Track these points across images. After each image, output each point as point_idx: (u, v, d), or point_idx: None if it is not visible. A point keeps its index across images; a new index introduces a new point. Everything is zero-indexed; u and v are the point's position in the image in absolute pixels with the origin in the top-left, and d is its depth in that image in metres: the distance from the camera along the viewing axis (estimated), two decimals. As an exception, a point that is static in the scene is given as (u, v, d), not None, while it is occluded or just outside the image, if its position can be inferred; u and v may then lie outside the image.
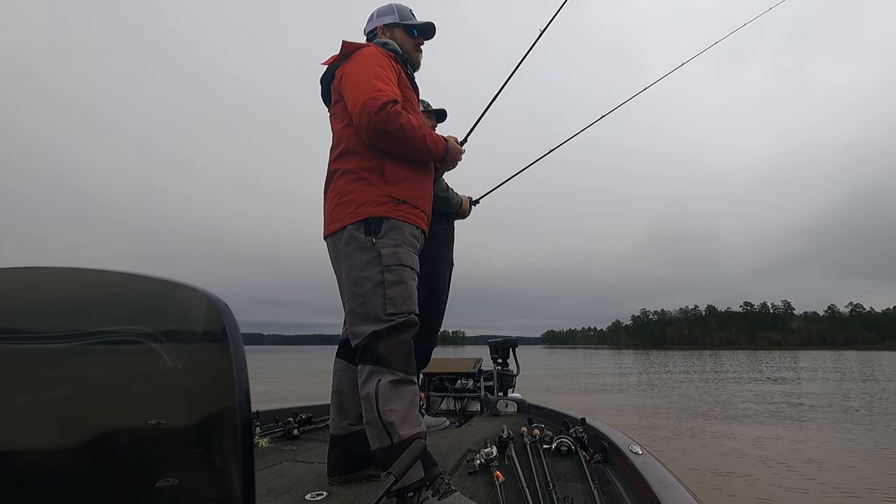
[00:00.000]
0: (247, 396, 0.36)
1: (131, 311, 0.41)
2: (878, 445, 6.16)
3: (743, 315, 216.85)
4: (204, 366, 0.38)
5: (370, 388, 1.40)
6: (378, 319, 1.44)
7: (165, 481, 0.36)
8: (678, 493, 1.23)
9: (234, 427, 0.35)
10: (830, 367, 23.27)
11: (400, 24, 1.79)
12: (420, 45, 1.84)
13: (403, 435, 1.36)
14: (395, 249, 1.48)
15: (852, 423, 7.73)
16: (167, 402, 0.38)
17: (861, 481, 4.65)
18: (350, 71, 1.56)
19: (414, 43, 1.81)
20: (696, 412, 8.98)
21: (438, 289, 2.30)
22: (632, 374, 19.41)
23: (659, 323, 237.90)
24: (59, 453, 0.37)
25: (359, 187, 1.52)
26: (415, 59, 1.83)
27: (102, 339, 0.39)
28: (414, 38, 1.81)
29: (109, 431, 0.37)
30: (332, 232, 1.56)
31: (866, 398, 11.16)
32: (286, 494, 1.52)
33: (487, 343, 3.54)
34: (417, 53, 1.83)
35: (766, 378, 17.20)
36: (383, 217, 1.49)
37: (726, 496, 4.23)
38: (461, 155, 1.83)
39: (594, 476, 1.55)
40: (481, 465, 1.71)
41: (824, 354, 54.89)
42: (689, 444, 6.23)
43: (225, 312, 0.38)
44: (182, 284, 0.40)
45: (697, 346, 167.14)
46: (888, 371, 21.07)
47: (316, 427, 2.63)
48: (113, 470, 0.36)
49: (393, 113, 1.43)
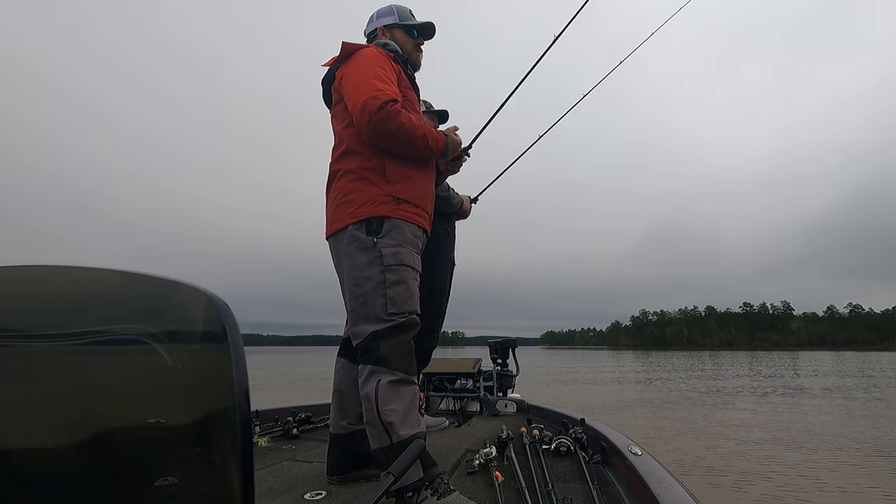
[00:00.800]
0: (246, 395, 0.36)
1: (131, 311, 0.41)
2: (878, 445, 6.16)
3: (742, 315, 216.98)
4: (203, 365, 0.38)
5: (370, 387, 1.41)
6: (379, 319, 1.44)
7: (165, 480, 0.36)
8: (677, 493, 1.23)
9: (233, 426, 0.35)
10: (830, 371, 23.24)
11: (400, 25, 1.79)
12: (420, 45, 1.84)
13: (403, 435, 1.36)
14: (396, 249, 1.48)
15: (852, 423, 7.73)
16: (167, 400, 0.38)
17: (861, 481, 4.65)
18: (350, 72, 1.56)
19: (414, 43, 1.82)
20: (696, 412, 8.99)
21: (439, 289, 2.30)
22: (631, 377, 19.39)
23: (658, 323, 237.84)
24: (58, 452, 0.37)
25: (360, 187, 1.52)
26: (415, 60, 1.84)
27: (102, 338, 0.39)
28: (414, 38, 1.81)
29: (109, 430, 0.37)
30: (334, 232, 1.56)
31: (866, 398, 11.17)
32: (285, 494, 1.53)
33: (487, 343, 3.54)
34: (417, 53, 1.84)
35: (766, 377, 17.20)
36: (384, 217, 1.49)
37: (728, 496, 4.23)
38: (463, 152, 1.83)
39: (593, 476, 1.55)
40: (480, 465, 1.72)
41: (824, 355, 54.91)
42: (689, 443, 6.23)
43: (225, 312, 0.38)
44: (182, 283, 0.40)
45: (697, 347, 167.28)
46: (889, 372, 21.07)
47: (315, 426, 2.63)
48: (112, 468, 0.36)
49: (393, 112, 1.44)
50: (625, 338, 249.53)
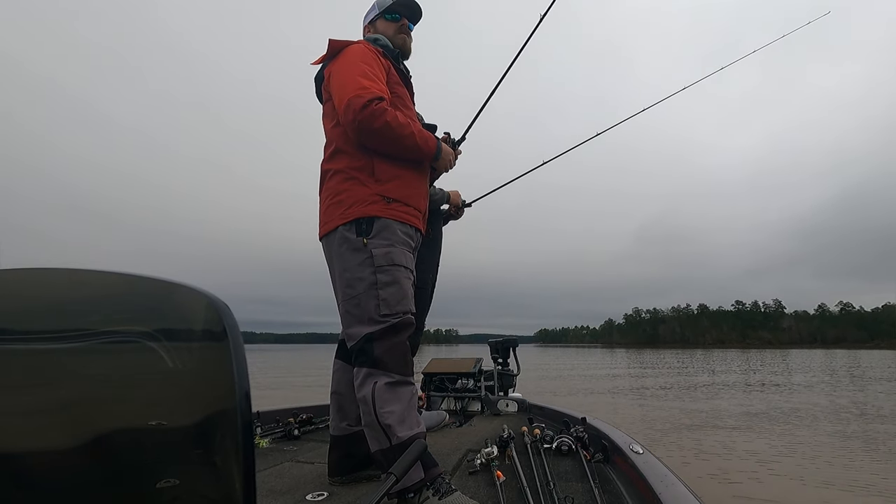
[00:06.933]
0: (247, 397, 0.36)
1: (132, 313, 0.41)
2: (874, 444, 6.16)
3: (734, 314, 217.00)
4: (204, 366, 0.38)
5: (367, 390, 1.40)
6: (372, 321, 1.43)
7: (166, 482, 0.36)
8: (679, 492, 1.23)
9: (234, 427, 0.35)
10: (821, 367, 23.22)
11: (381, 15, 1.74)
12: (404, 27, 1.75)
13: (402, 436, 1.35)
14: (387, 249, 1.46)
15: (847, 422, 7.73)
16: (168, 402, 0.38)
17: (861, 479, 4.65)
18: (336, 69, 1.54)
19: (396, 27, 1.73)
20: (694, 409, 8.98)
21: (421, 287, 2.27)
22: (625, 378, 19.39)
23: (651, 321, 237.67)
24: (60, 454, 0.37)
25: (349, 187, 1.51)
26: (399, 43, 1.74)
27: (103, 340, 0.39)
28: (397, 21, 1.74)
29: (111, 432, 0.37)
30: (326, 233, 1.55)
31: (859, 395, 11.17)
32: (287, 495, 1.52)
33: (488, 343, 3.54)
34: (402, 36, 1.74)
35: (759, 377, 17.20)
36: (374, 217, 1.47)
37: (728, 496, 4.22)
38: (454, 159, 1.79)
39: (595, 475, 1.54)
40: (482, 464, 1.72)
41: (815, 353, 54.81)
42: (688, 443, 6.23)
43: (225, 313, 0.38)
44: (182, 285, 0.40)
45: (689, 345, 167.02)
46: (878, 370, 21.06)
47: (316, 427, 2.63)
48: (114, 470, 0.36)
49: (378, 110, 1.41)
50: (618, 336, 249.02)
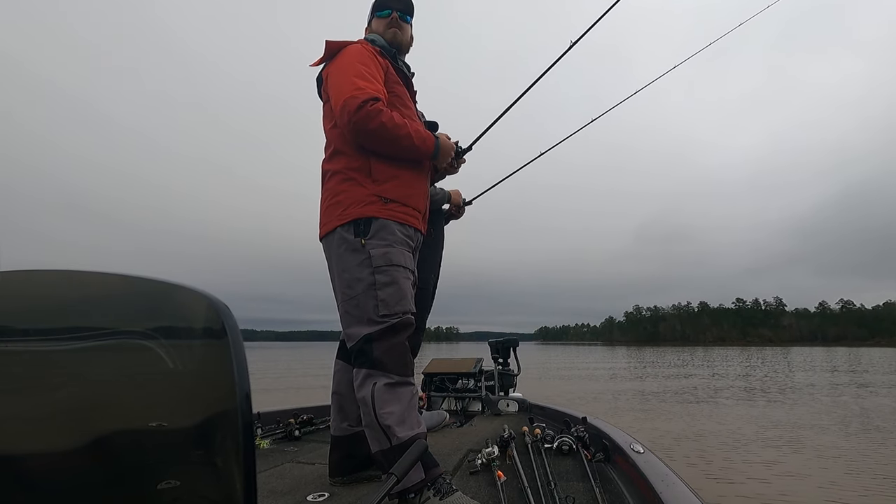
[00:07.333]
0: (248, 398, 0.36)
1: (132, 314, 0.41)
2: (874, 444, 6.16)
3: (735, 312, 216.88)
4: (205, 367, 0.38)
5: (366, 391, 1.40)
6: (371, 321, 1.43)
7: (167, 483, 0.36)
8: (680, 491, 1.23)
9: (235, 428, 0.35)
10: (822, 365, 23.21)
11: (373, 14, 1.73)
12: (394, 20, 1.70)
13: (402, 437, 1.35)
14: (385, 250, 1.46)
15: (848, 422, 7.73)
16: (169, 404, 0.38)
17: (861, 478, 4.65)
18: (333, 71, 1.55)
19: (387, 22, 1.70)
20: (694, 409, 8.98)
21: (423, 287, 2.28)
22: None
23: (652, 319, 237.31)
24: (60, 455, 0.37)
25: (347, 188, 1.51)
26: (391, 38, 1.70)
27: (104, 342, 0.39)
28: (388, 16, 1.70)
29: (111, 433, 0.37)
30: (325, 234, 1.55)
31: (861, 393, 11.17)
32: (288, 495, 1.52)
33: (488, 342, 3.54)
34: (393, 30, 1.69)
35: (763, 373, 17.20)
36: (372, 217, 1.47)
37: (730, 495, 4.22)
38: (456, 160, 1.78)
39: (596, 475, 1.54)
40: (483, 464, 1.71)
41: (815, 351, 54.72)
42: (688, 443, 6.23)
43: (225, 314, 0.38)
44: (182, 286, 0.40)
45: (690, 343, 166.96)
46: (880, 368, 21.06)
47: (317, 428, 2.63)
48: (115, 472, 0.36)
49: (373, 111, 1.41)
50: (618, 333, 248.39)
